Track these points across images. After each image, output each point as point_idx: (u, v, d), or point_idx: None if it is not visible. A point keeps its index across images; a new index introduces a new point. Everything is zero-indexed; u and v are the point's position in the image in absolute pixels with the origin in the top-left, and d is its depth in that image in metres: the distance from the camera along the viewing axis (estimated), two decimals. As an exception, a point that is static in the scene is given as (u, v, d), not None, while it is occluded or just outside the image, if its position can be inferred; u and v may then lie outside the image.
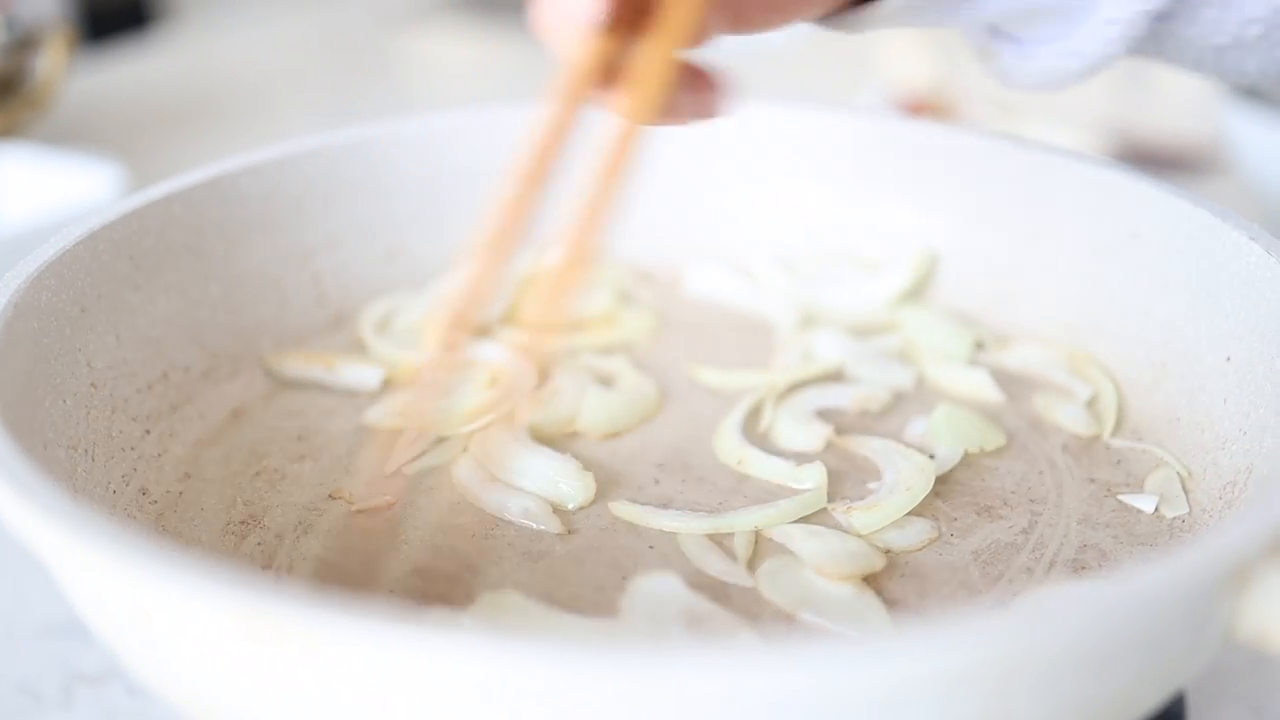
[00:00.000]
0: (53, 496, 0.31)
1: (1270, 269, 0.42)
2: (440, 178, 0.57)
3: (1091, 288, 0.51)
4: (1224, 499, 0.41)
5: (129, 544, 0.29)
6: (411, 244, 0.57)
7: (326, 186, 0.54)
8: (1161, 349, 0.48)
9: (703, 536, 0.42)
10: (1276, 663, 0.50)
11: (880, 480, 0.45)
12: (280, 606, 0.26)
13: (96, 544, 0.29)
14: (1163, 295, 0.48)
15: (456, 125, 0.57)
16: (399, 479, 0.45)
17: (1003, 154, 0.54)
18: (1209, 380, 0.45)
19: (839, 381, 0.51)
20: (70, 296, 0.44)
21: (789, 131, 0.58)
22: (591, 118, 0.37)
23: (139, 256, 0.48)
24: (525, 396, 0.49)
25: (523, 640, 0.26)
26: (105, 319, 0.46)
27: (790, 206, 0.59)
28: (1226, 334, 0.44)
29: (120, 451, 0.45)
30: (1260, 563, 0.30)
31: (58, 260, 0.44)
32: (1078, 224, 0.51)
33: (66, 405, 0.42)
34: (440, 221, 0.57)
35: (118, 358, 0.46)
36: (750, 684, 0.26)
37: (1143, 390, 0.48)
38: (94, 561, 0.29)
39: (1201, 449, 0.44)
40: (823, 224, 0.59)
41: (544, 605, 0.38)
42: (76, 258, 0.45)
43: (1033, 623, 0.27)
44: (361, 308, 0.55)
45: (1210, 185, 1.00)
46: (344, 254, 0.55)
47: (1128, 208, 0.49)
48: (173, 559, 0.28)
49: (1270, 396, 0.41)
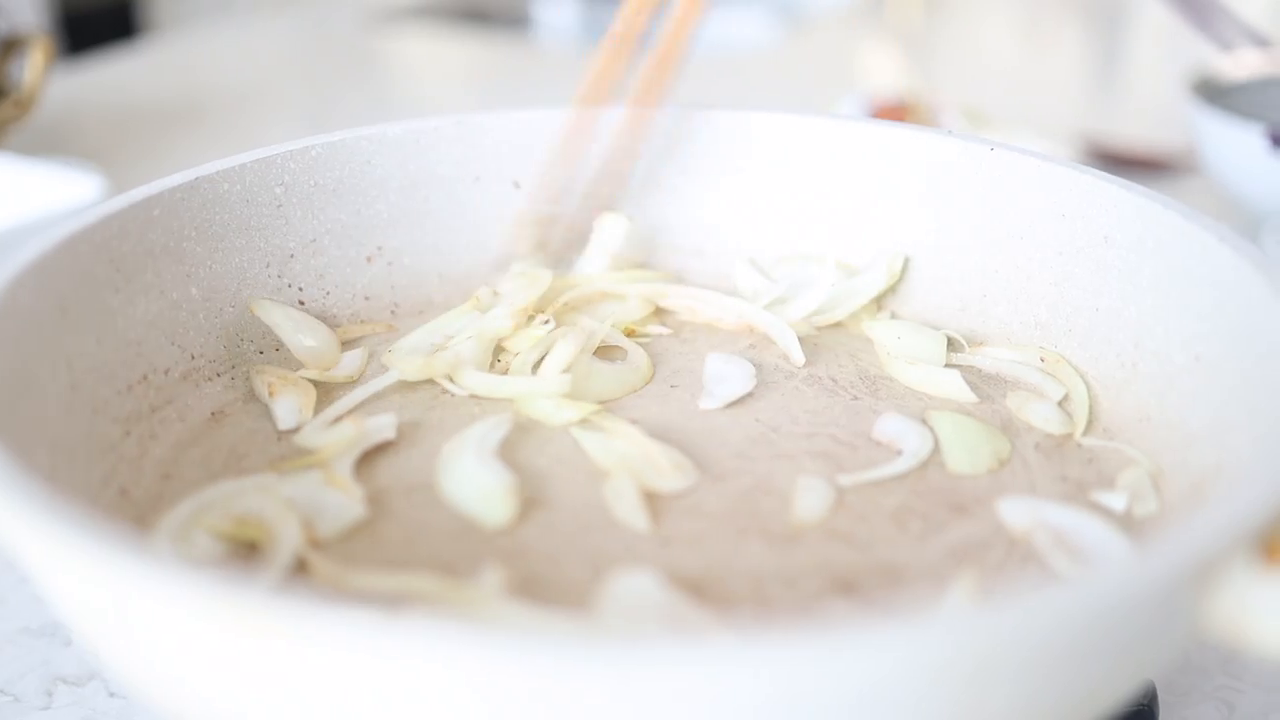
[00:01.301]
0: (33, 496, 0.31)
1: (1239, 270, 0.43)
2: (419, 182, 0.57)
3: (1063, 289, 0.52)
4: (1194, 496, 0.42)
5: (110, 541, 0.29)
6: (390, 248, 0.57)
7: (305, 189, 0.55)
8: (1132, 349, 0.48)
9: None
10: (1247, 659, 0.50)
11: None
12: (261, 601, 0.27)
13: (78, 542, 0.29)
14: (1134, 296, 0.49)
15: (436, 130, 0.57)
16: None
17: (976, 158, 0.54)
18: (1179, 379, 0.46)
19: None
20: (51, 299, 0.44)
21: (764, 136, 0.59)
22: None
23: (119, 259, 0.48)
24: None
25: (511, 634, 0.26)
26: (86, 321, 0.46)
27: (765, 211, 0.60)
28: (1196, 334, 0.45)
29: (100, 452, 0.45)
30: (1228, 559, 0.30)
31: (38, 262, 0.44)
32: (1049, 227, 0.52)
33: (47, 406, 0.43)
34: (419, 225, 0.58)
35: (98, 359, 0.47)
36: (727, 679, 0.26)
37: (1114, 389, 0.49)
38: (75, 559, 0.29)
39: (1171, 447, 0.45)
40: (796, 228, 0.59)
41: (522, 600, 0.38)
42: (57, 260, 0.45)
43: (1008, 616, 0.27)
44: (340, 310, 0.56)
45: (1180, 188, 1.01)
46: (323, 258, 0.56)
47: (1099, 211, 0.50)
48: (152, 555, 0.28)
49: (1239, 395, 0.42)
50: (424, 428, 0.49)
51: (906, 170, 0.57)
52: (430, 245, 0.58)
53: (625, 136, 0.54)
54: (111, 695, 0.48)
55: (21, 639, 0.50)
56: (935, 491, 0.45)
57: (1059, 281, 0.52)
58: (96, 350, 0.47)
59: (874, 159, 0.57)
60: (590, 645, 0.26)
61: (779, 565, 0.41)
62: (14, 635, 0.50)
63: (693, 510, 0.44)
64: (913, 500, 0.44)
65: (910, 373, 0.52)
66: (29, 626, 0.49)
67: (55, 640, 0.49)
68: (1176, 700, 0.49)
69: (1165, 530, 0.42)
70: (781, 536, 0.42)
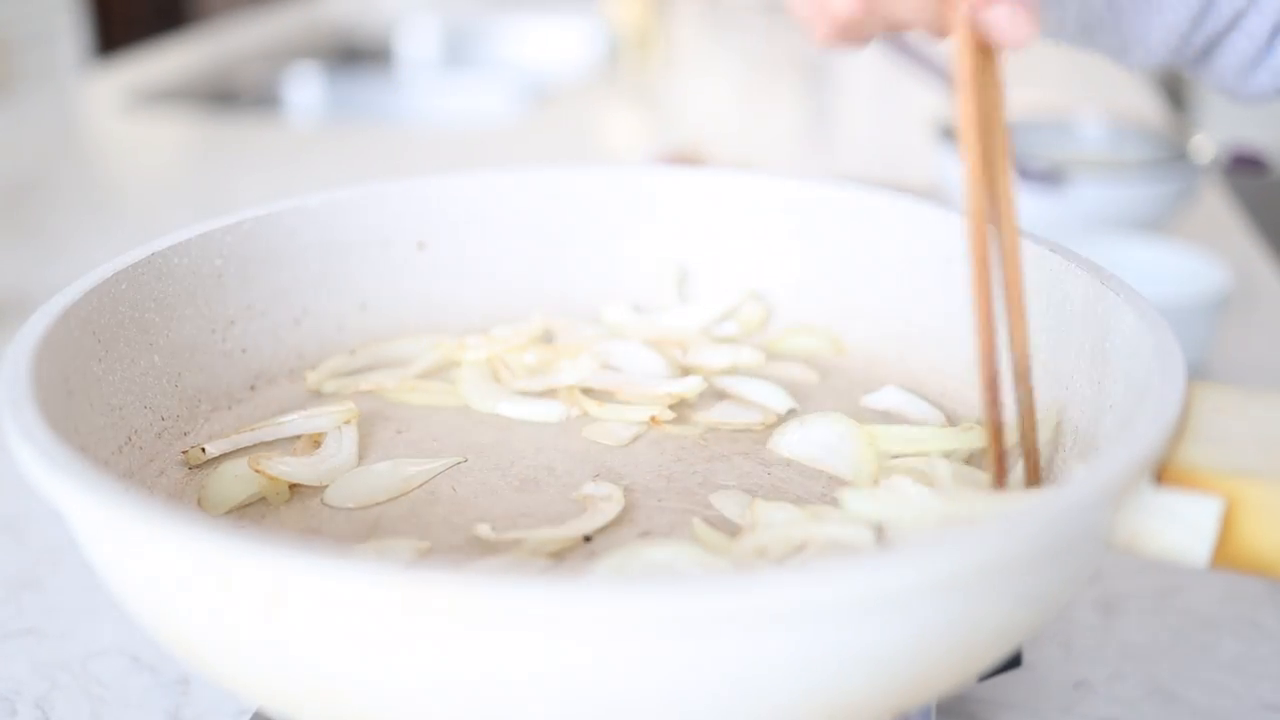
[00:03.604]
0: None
1: (1068, 269, 0.53)
2: (336, 248, 0.63)
3: (915, 304, 0.62)
4: (1059, 455, 0.52)
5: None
6: (318, 308, 0.62)
7: (241, 260, 0.59)
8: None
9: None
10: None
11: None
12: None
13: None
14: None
15: (349, 199, 0.63)
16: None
17: (829, 198, 0.64)
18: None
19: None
20: (57, 371, 0.48)
21: (636, 189, 0.67)
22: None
23: (99, 331, 0.52)
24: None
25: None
26: (81, 390, 0.50)
27: (642, 258, 0.68)
28: (1039, 327, 0.55)
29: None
30: (1138, 480, 0.40)
31: (45, 340, 0.48)
32: (899, 253, 0.62)
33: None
34: (342, 286, 0.63)
35: (94, 425, 0.50)
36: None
37: (969, 384, 0.59)
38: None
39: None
40: (666, 270, 0.67)
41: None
42: (57, 337, 0.49)
43: (997, 532, 0.36)
44: (277, 369, 0.61)
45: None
46: (261, 321, 0.60)
47: (941, 236, 0.60)
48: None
49: (1082, 373, 0.52)
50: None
51: (764, 212, 0.66)
52: (353, 304, 0.63)
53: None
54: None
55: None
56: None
57: (912, 297, 0.62)
58: (92, 415, 0.50)
59: (735, 203, 0.66)
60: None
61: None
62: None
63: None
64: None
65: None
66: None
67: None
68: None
69: (1091, 463, 0.51)
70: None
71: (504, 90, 1.90)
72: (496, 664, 0.34)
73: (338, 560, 0.34)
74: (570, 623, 0.33)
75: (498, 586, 0.33)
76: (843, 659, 0.36)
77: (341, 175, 1.38)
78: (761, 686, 0.35)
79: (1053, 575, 0.40)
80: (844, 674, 0.36)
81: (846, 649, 0.35)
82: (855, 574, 0.34)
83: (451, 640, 0.34)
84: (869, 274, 0.63)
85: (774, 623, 0.34)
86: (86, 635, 0.63)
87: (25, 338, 0.47)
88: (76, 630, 0.63)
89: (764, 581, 0.33)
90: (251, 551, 0.34)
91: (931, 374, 0.61)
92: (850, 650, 0.36)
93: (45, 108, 1.65)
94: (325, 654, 0.36)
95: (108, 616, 0.64)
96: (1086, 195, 1.04)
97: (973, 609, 0.37)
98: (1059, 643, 0.62)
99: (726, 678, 0.35)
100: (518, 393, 0.60)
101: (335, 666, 0.36)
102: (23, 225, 1.25)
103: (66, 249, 1.19)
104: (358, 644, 0.35)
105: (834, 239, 0.64)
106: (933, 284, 0.61)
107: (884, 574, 0.34)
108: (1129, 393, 0.47)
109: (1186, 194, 1.08)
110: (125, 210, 1.34)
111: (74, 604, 0.65)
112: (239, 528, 0.51)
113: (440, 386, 0.61)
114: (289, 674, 0.38)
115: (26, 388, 0.44)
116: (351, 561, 0.34)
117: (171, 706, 0.58)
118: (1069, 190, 1.04)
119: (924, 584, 0.35)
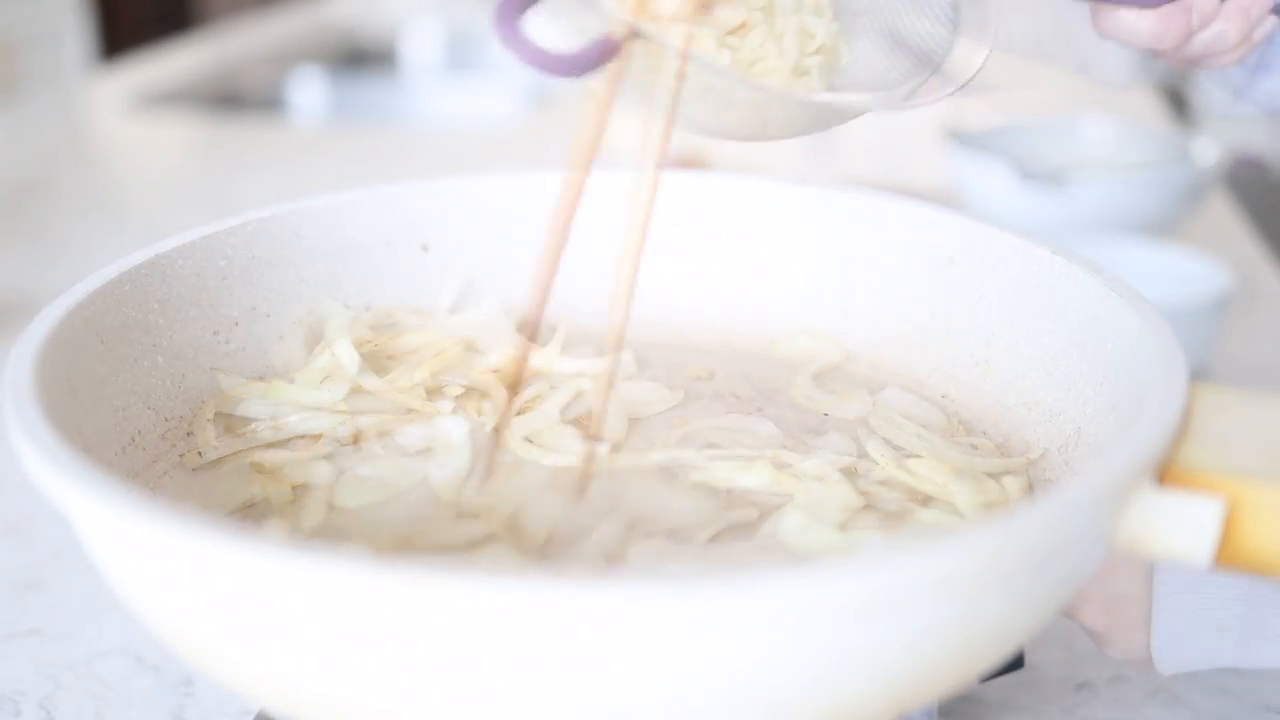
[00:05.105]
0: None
1: (1074, 274, 0.53)
2: (340, 249, 0.63)
3: (916, 306, 0.62)
4: (1061, 456, 0.52)
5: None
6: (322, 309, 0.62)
7: (245, 261, 0.60)
8: (984, 348, 0.59)
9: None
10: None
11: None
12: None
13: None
14: (979, 307, 0.59)
15: (353, 201, 0.63)
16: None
17: (827, 200, 0.64)
18: (1029, 369, 0.56)
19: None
20: (61, 373, 0.48)
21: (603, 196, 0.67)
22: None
23: (103, 332, 0.52)
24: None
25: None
26: (84, 391, 0.50)
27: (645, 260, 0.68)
28: (1040, 330, 0.56)
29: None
30: (1140, 479, 0.40)
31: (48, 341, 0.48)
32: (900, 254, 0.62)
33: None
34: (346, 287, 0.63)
35: (99, 425, 0.51)
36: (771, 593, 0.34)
37: (971, 384, 0.59)
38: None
39: (1029, 424, 0.55)
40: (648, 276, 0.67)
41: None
42: (60, 338, 0.49)
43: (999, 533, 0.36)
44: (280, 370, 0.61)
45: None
46: (265, 323, 0.60)
47: (943, 237, 0.60)
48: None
49: (1084, 375, 0.52)
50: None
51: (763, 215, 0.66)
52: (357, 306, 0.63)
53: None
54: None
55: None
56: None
57: (914, 300, 0.62)
58: (96, 416, 0.51)
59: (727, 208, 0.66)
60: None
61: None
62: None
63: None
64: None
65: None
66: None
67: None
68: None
69: (1093, 463, 0.50)
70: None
71: (507, 93, 1.90)
72: (500, 664, 0.35)
73: (340, 560, 0.34)
74: (570, 623, 0.33)
75: (499, 587, 0.33)
76: (844, 659, 0.36)
77: (345, 177, 1.38)
78: (762, 686, 0.35)
79: (1055, 576, 0.40)
80: (845, 674, 0.36)
81: (847, 649, 0.36)
82: (856, 574, 0.34)
83: (455, 640, 0.34)
84: (871, 276, 0.63)
85: (774, 623, 0.34)
86: (90, 636, 0.63)
87: (29, 339, 0.47)
88: (80, 631, 0.64)
89: (764, 581, 0.33)
90: (254, 552, 0.35)
91: (933, 375, 0.61)
92: (851, 651, 0.36)
93: (50, 110, 1.65)
94: (328, 654, 0.36)
95: (111, 617, 0.64)
96: (1089, 197, 1.05)
97: (974, 609, 0.38)
98: (1061, 644, 0.62)
99: (726, 678, 0.35)
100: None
101: (337, 667, 0.36)
102: (27, 227, 1.25)
103: (70, 250, 1.19)
104: (359, 644, 0.35)
105: (836, 241, 0.64)
106: (935, 285, 0.61)
107: (885, 574, 0.34)
108: (1131, 394, 0.47)
109: (1189, 196, 1.08)
110: (129, 212, 1.35)
111: (78, 605, 0.66)
112: (242, 528, 0.51)
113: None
114: (291, 674, 0.38)
115: (30, 389, 0.44)
116: (354, 562, 0.34)
117: (175, 707, 0.58)
118: (1072, 192, 1.04)
119: (926, 584, 0.35)
